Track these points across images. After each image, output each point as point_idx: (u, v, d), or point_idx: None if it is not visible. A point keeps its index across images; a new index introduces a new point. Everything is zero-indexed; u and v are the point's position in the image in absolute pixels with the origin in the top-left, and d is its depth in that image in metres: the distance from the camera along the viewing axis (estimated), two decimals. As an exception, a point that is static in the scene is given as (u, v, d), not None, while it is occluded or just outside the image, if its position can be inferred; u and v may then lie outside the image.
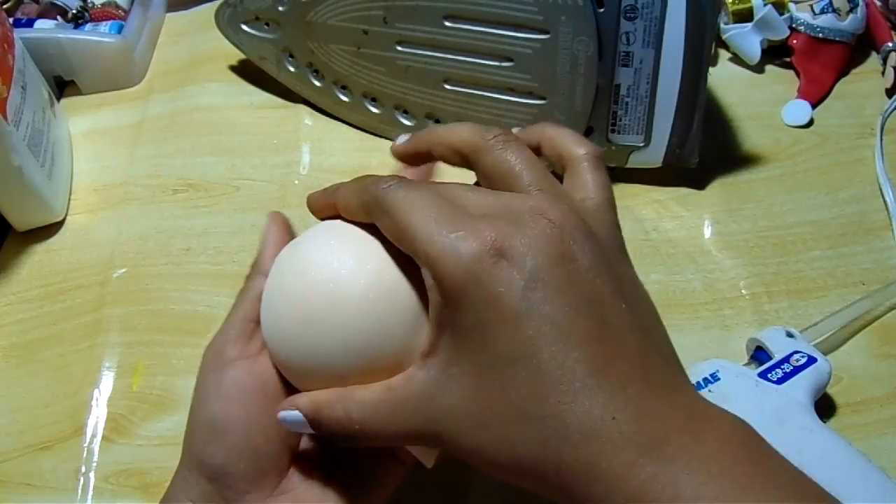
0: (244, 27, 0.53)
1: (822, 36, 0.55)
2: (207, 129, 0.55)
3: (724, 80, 0.56)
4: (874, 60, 0.57)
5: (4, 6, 0.59)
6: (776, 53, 0.57)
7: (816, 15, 0.55)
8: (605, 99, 0.46)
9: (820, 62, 0.56)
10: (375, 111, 0.53)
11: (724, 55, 0.58)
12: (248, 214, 0.50)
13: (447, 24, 0.47)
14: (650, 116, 0.47)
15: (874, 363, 0.42)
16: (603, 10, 0.43)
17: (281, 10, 0.51)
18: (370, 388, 0.27)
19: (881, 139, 0.52)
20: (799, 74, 0.56)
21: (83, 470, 0.40)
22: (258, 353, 0.30)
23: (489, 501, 0.38)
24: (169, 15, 0.64)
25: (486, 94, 0.48)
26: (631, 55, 0.45)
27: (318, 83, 0.54)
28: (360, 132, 0.54)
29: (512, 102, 0.48)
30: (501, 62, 0.47)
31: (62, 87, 0.58)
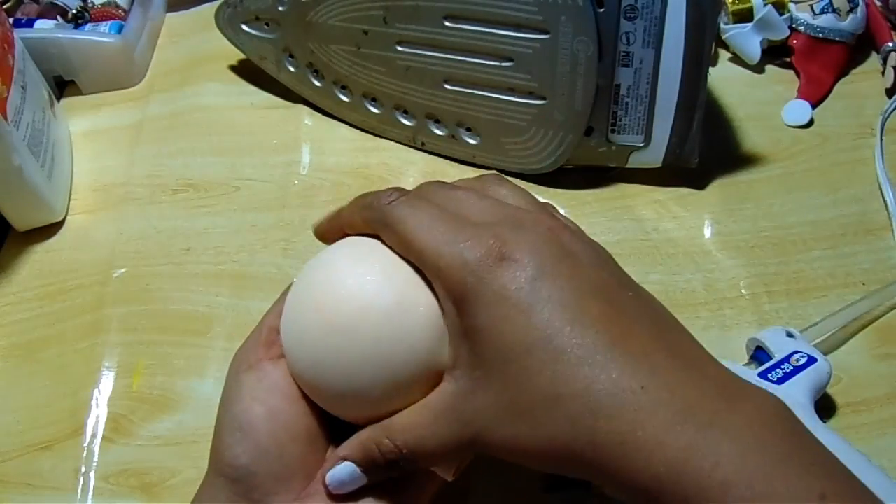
0: (244, 27, 0.53)
1: (822, 36, 0.55)
2: (207, 129, 0.55)
3: (724, 80, 0.56)
4: (874, 60, 0.57)
5: (4, 6, 0.59)
6: (776, 53, 0.57)
7: (816, 15, 0.55)
8: (605, 99, 0.46)
9: (820, 62, 0.56)
10: (375, 111, 0.53)
11: (724, 55, 0.58)
12: (248, 214, 0.50)
13: (447, 24, 0.47)
14: (650, 116, 0.47)
15: (874, 363, 0.42)
16: (603, 10, 0.43)
17: (281, 10, 0.51)
18: (407, 413, 0.28)
19: (881, 139, 0.52)
20: (799, 74, 0.56)
21: (83, 470, 0.40)
22: (281, 356, 0.31)
23: (489, 501, 0.38)
24: (169, 15, 0.64)
25: (486, 94, 0.48)
26: (631, 55, 0.45)
27: (318, 83, 0.54)
28: (360, 132, 0.54)
29: (512, 102, 0.48)
30: (501, 62, 0.47)
31: (62, 87, 0.58)
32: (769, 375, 0.38)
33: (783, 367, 0.38)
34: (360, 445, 0.28)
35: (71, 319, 0.46)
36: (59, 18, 0.57)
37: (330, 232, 0.32)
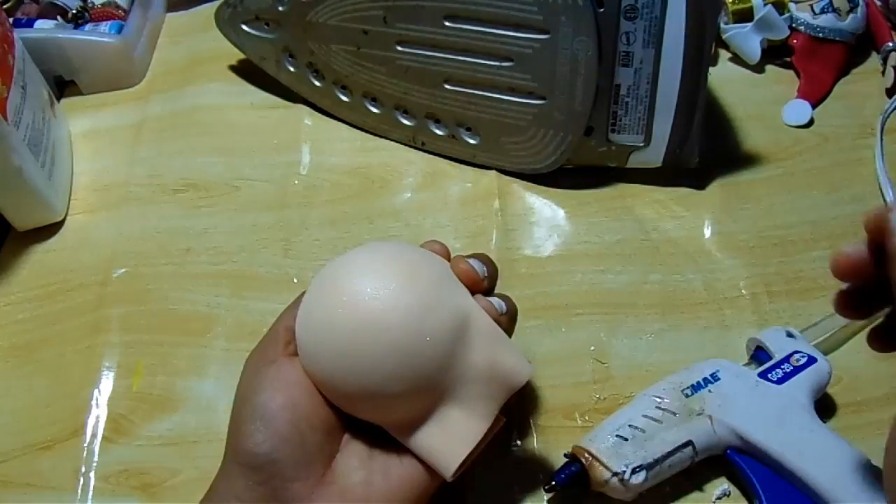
0: (244, 27, 0.53)
1: (822, 36, 0.55)
2: (207, 129, 0.55)
3: (724, 80, 0.56)
4: (874, 60, 0.57)
5: (4, 6, 0.59)
6: (776, 53, 0.57)
7: (816, 15, 0.55)
8: (605, 99, 0.46)
9: (820, 62, 0.55)
10: (375, 111, 0.53)
11: (724, 55, 0.58)
12: (248, 214, 0.50)
13: (447, 23, 0.46)
14: (650, 116, 0.47)
15: (874, 363, 0.41)
16: (603, 9, 0.43)
17: (281, 10, 0.51)
18: None
19: (881, 139, 0.51)
20: (799, 74, 0.56)
21: (83, 470, 0.40)
22: (296, 354, 0.33)
23: (489, 501, 0.38)
24: (169, 15, 0.64)
25: (486, 94, 0.48)
26: (631, 55, 0.45)
27: (318, 83, 0.54)
28: (360, 132, 0.54)
29: (512, 102, 0.48)
30: (501, 62, 0.47)
31: (62, 87, 0.58)
32: (769, 375, 0.38)
33: (783, 367, 0.38)
34: None
35: (71, 319, 0.46)
36: (59, 18, 0.57)
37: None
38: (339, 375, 0.30)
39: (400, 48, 0.49)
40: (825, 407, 0.40)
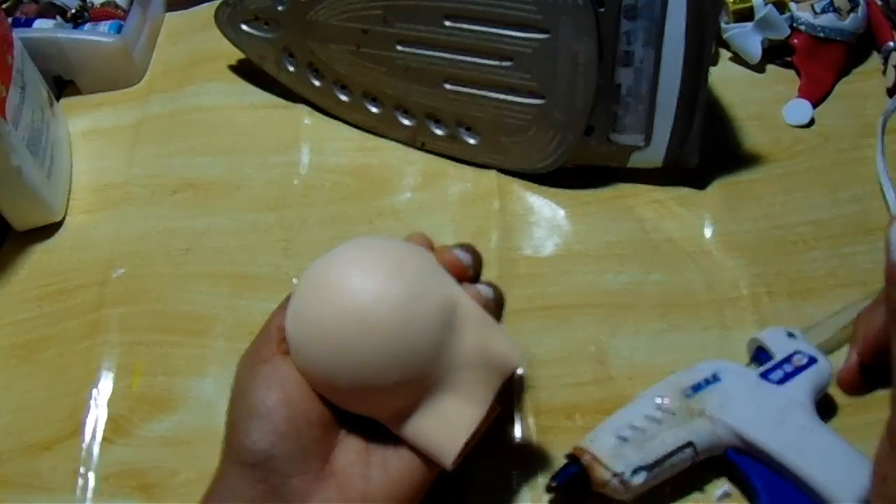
0: (244, 27, 0.53)
1: (823, 35, 0.55)
2: (207, 129, 0.55)
3: (724, 79, 0.56)
4: (875, 60, 0.57)
5: (4, 6, 0.59)
6: (777, 53, 0.57)
7: (817, 14, 0.55)
8: (605, 99, 0.46)
9: (821, 62, 0.55)
10: (375, 111, 0.53)
11: (724, 55, 0.58)
12: (248, 214, 0.50)
13: (447, 23, 0.46)
14: (651, 116, 0.47)
15: (875, 363, 0.41)
16: (603, 9, 0.43)
17: (280, 9, 0.51)
18: None
19: (882, 139, 0.51)
20: (800, 74, 0.56)
21: (83, 470, 0.40)
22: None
23: (489, 501, 0.38)
24: (169, 15, 0.64)
25: (486, 93, 0.48)
26: (631, 55, 0.45)
27: (318, 83, 0.54)
28: (360, 132, 0.54)
29: (512, 102, 0.48)
30: (501, 62, 0.47)
31: (62, 87, 0.58)
32: (770, 376, 0.38)
33: (784, 367, 0.38)
34: None
35: (70, 319, 0.46)
36: (58, 18, 0.57)
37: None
38: (331, 372, 0.31)
39: (400, 48, 0.49)
40: (826, 407, 0.39)
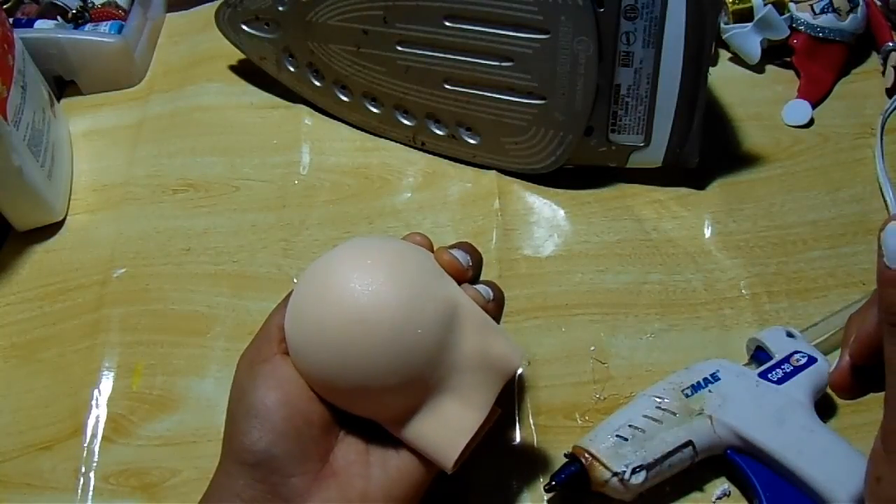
0: (244, 27, 0.53)
1: (822, 36, 0.55)
2: (207, 129, 0.55)
3: (724, 80, 0.56)
4: (874, 60, 0.57)
5: (4, 6, 0.59)
6: (776, 53, 0.57)
7: (817, 15, 0.55)
8: (605, 99, 0.46)
9: (820, 62, 0.55)
10: (375, 111, 0.53)
11: (724, 55, 0.58)
12: (248, 214, 0.50)
13: (447, 23, 0.46)
14: (650, 116, 0.47)
15: (874, 363, 0.41)
16: (603, 9, 0.43)
17: (281, 9, 0.51)
18: None
19: (881, 139, 0.51)
20: (799, 74, 0.56)
21: (83, 470, 0.40)
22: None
23: (489, 501, 0.38)
24: (169, 15, 0.64)
25: (486, 94, 0.48)
26: (631, 55, 0.45)
27: (318, 83, 0.54)
28: (360, 132, 0.54)
29: (512, 102, 0.48)
30: (501, 62, 0.47)
31: (62, 87, 0.58)
32: (769, 375, 0.38)
33: (783, 367, 0.38)
34: None
35: (71, 319, 0.46)
36: (59, 18, 0.57)
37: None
38: (330, 373, 0.30)
39: (400, 48, 0.49)
40: (825, 407, 0.40)
